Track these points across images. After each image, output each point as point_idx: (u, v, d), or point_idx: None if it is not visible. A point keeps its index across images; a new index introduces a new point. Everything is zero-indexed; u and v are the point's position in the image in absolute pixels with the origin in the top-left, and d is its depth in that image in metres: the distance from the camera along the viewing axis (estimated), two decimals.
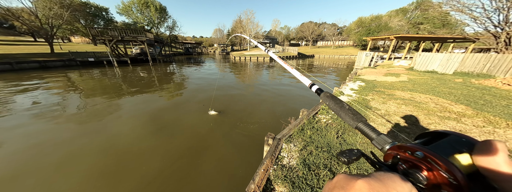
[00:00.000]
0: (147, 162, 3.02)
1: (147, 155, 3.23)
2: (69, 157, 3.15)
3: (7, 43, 24.48)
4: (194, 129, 4.21)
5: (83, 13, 26.72)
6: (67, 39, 40.71)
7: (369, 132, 0.41)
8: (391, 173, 0.24)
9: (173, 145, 3.54)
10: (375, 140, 0.39)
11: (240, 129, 4.15)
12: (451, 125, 2.77)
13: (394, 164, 0.32)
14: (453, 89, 5.09)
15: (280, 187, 1.56)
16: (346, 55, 38.35)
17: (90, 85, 8.65)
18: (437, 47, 17.47)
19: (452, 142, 0.30)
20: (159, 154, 3.24)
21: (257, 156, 3.17)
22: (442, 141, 0.31)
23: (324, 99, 0.58)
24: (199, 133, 4.02)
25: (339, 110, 0.51)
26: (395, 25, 34.95)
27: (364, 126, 0.43)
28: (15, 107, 5.53)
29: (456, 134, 0.31)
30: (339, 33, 57.16)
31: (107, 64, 16.92)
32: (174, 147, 3.47)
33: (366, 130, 0.42)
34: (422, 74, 8.18)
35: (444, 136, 0.32)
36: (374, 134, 0.40)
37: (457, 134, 0.31)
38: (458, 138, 0.31)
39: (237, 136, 3.88)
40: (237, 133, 3.98)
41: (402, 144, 0.32)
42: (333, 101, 0.55)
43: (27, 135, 3.87)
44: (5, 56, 14.57)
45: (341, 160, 0.36)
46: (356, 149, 0.37)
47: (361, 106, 3.61)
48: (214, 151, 3.39)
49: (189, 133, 4.01)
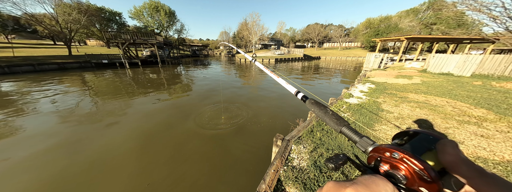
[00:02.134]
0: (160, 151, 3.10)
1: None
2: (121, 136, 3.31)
3: (30, 46, 26.34)
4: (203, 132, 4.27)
5: (99, 18, 28.25)
6: (83, 42, 43.10)
7: (352, 136, 0.42)
8: (374, 176, 0.26)
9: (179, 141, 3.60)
10: (359, 143, 0.40)
11: (247, 132, 4.15)
12: (472, 129, 2.62)
13: (376, 166, 0.33)
14: (472, 92, 4.82)
15: (291, 188, 1.54)
16: (354, 56, 37.54)
17: (110, 85, 9.06)
18: (452, 48, 16.67)
19: (422, 141, 0.32)
20: (170, 146, 3.31)
21: (265, 157, 3.15)
22: (414, 140, 0.33)
23: (309, 106, 0.59)
24: (206, 134, 4.06)
25: (324, 115, 0.52)
26: (406, 25, 33.84)
27: (348, 130, 0.44)
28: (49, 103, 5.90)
29: (424, 132, 0.33)
30: (346, 35, 56.21)
31: (120, 66, 17.68)
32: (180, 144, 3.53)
33: (349, 134, 0.43)
34: (436, 76, 7.82)
35: (415, 135, 0.34)
36: (357, 137, 0.41)
37: (425, 132, 0.34)
38: (426, 136, 0.33)
39: (245, 136, 3.89)
40: (245, 133, 3.98)
41: (380, 146, 0.33)
42: (317, 107, 0.55)
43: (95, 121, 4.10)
44: (28, 58, 15.66)
45: (328, 166, 0.36)
46: (341, 154, 0.38)
47: (372, 109, 3.51)
48: (224, 151, 3.41)
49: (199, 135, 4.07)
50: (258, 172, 2.72)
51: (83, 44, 42.08)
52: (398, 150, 0.29)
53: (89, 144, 3.58)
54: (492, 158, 1.93)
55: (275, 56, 32.15)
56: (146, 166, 2.94)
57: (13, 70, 13.02)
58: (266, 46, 56.27)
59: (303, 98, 0.66)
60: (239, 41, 53.04)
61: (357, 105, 3.75)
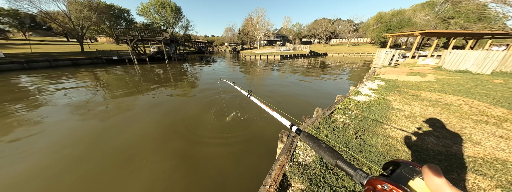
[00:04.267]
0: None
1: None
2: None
3: (46, 43, 27.59)
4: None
5: (108, 15, 28.88)
6: (94, 39, 44.53)
7: (347, 169, 0.44)
8: None
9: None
10: (354, 176, 0.41)
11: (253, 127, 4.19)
12: (490, 130, 2.48)
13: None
14: (491, 90, 4.53)
15: (297, 184, 1.55)
16: (362, 53, 36.21)
17: (129, 80, 9.40)
18: (471, 44, 15.58)
19: (406, 170, 0.35)
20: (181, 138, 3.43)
21: (270, 153, 3.18)
22: (399, 169, 0.36)
23: (303, 139, 0.61)
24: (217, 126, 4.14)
25: (318, 148, 0.53)
26: (420, 20, 31.93)
27: (342, 163, 0.45)
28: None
29: (404, 162, 0.37)
30: (355, 30, 54.00)
31: (129, 62, 18.18)
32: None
33: (344, 167, 0.44)
34: (452, 74, 7.40)
35: (399, 165, 0.37)
36: (352, 170, 0.43)
37: (405, 162, 0.37)
38: (407, 165, 0.36)
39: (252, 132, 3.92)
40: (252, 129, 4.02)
41: (372, 178, 0.37)
42: (311, 140, 0.57)
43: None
44: (45, 55, 16.45)
45: None
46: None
47: (381, 107, 3.40)
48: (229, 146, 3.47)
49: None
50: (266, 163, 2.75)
51: (94, 41, 43.49)
52: (386, 182, 0.33)
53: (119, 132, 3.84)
54: (511, 160, 1.83)
55: (280, 53, 31.64)
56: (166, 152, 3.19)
57: (31, 66, 13.75)
58: (271, 42, 55.35)
59: (297, 131, 0.66)
60: (244, 37, 52.55)
61: (366, 103, 3.64)
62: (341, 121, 2.81)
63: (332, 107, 3.44)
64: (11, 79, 9.69)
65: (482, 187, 1.49)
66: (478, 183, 1.54)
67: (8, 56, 14.23)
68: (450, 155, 1.92)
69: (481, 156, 1.89)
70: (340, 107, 3.37)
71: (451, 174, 1.64)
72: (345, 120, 2.84)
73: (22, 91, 7.37)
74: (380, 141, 2.21)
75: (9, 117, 4.69)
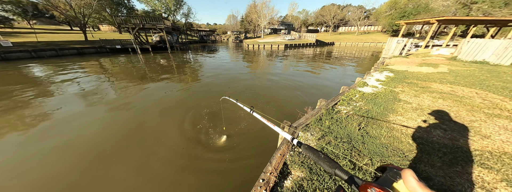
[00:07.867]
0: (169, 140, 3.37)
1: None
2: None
3: (50, 31, 27.55)
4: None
5: (108, 2, 28.04)
6: (97, 27, 43.99)
7: (344, 176, 0.49)
8: None
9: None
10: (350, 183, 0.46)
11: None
12: (502, 124, 2.38)
13: None
14: (509, 83, 4.26)
15: (297, 172, 1.58)
16: (372, 42, 34.33)
17: (139, 70, 9.49)
18: (493, 32, 14.35)
19: (390, 174, 0.38)
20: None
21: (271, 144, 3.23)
22: (385, 173, 0.40)
23: (304, 151, 0.65)
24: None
25: (317, 159, 0.57)
26: (439, 5, 29.20)
27: (340, 172, 0.50)
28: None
29: (390, 167, 0.41)
30: (366, 17, 50.51)
31: (132, 51, 18.12)
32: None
33: (342, 175, 0.49)
34: (467, 64, 6.97)
35: (386, 169, 0.41)
36: (347, 177, 0.48)
37: (391, 166, 0.41)
38: (392, 169, 0.40)
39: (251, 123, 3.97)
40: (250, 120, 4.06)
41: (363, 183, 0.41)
42: (311, 152, 0.61)
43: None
44: (51, 43, 16.56)
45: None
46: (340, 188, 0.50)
47: (388, 99, 3.29)
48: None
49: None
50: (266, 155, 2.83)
51: (97, 30, 43.02)
52: (373, 185, 0.37)
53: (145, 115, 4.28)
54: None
55: (285, 42, 30.50)
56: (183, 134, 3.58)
57: (39, 55, 13.96)
58: (276, 31, 53.00)
59: (298, 144, 0.71)
60: (247, 25, 50.35)
61: (372, 94, 3.53)
62: (344, 113, 2.76)
63: (336, 98, 3.37)
64: (21, 67, 9.93)
65: (487, 180, 1.46)
66: (483, 176, 1.51)
67: (15, 45, 14.42)
68: (456, 148, 1.87)
69: (489, 150, 1.84)
70: (344, 99, 3.29)
71: (454, 167, 1.61)
72: (349, 112, 2.79)
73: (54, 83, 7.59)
74: (384, 133, 2.17)
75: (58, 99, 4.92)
